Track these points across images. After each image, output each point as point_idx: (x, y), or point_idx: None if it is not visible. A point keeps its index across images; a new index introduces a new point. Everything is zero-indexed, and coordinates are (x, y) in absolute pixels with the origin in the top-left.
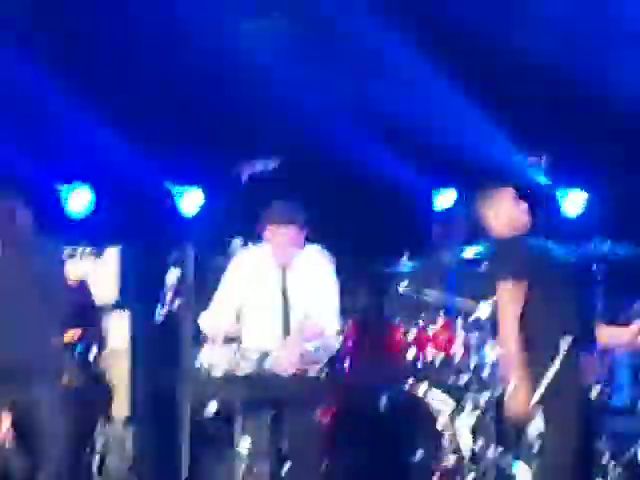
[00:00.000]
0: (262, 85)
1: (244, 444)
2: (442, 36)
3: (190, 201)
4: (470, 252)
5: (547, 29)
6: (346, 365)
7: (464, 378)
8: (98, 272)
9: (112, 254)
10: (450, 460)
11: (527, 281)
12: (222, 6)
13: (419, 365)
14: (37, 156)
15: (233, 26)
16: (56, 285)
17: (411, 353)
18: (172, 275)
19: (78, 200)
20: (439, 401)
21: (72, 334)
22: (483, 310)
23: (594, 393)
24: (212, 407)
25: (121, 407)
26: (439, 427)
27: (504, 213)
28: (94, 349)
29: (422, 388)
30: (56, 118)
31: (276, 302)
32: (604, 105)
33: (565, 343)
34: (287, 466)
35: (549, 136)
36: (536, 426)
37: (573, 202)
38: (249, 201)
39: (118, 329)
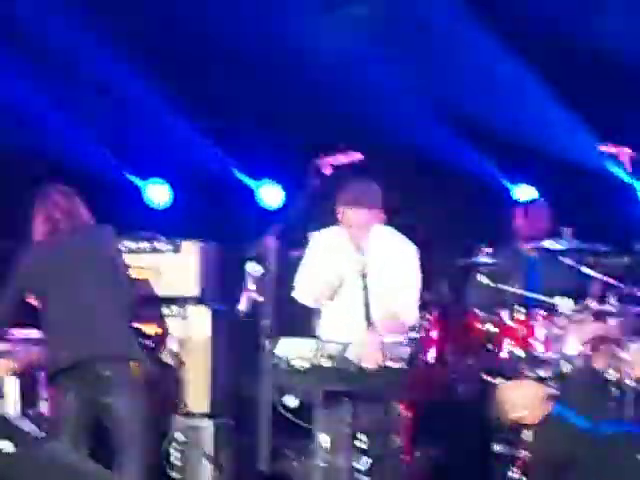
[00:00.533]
0: (342, 79)
1: (324, 438)
2: (523, 31)
3: (271, 196)
4: (551, 244)
5: (626, 26)
6: (427, 357)
7: (543, 373)
8: (177, 266)
9: (191, 248)
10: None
11: None
12: None
13: (498, 358)
14: (117, 151)
15: (312, 18)
16: (120, 276)
17: (490, 346)
18: (252, 269)
19: (157, 195)
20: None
21: (155, 329)
22: (563, 305)
23: None
24: (292, 400)
25: (201, 401)
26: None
27: None
28: (170, 345)
29: (500, 381)
30: (134, 112)
31: (356, 285)
32: None
33: None
34: (367, 461)
35: (631, 131)
36: None
37: None
38: (329, 195)
39: (199, 323)
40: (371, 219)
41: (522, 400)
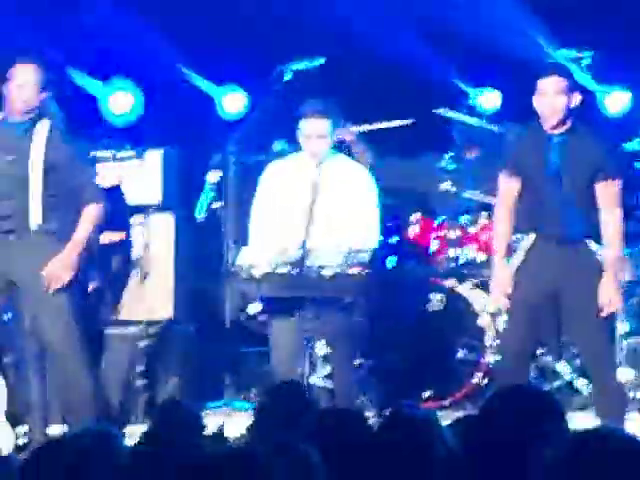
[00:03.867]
0: None
1: (284, 344)
2: None
3: (232, 103)
4: None
5: None
6: (387, 263)
7: None
8: (140, 174)
9: (155, 156)
10: (492, 358)
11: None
12: None
13: (460, 264)
14: (77, 56)
15: None
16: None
17: (452, 252)
18: (213, 177)
19: (119, 103)
20: (480, 300)
21: (114, 236)
22: None
23: None
24: (253, 307)
25: (165, 308)
26: (481, 325)
27: None
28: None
29: (463, 286)
30: (96, 18)
31: (305, 193)
32: None
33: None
34: (327, 367)
35: (592, 31)
36: None
37: (617, 100)
38: (291, 102)
39: (162, 231)
40: (326, 129)
41: None
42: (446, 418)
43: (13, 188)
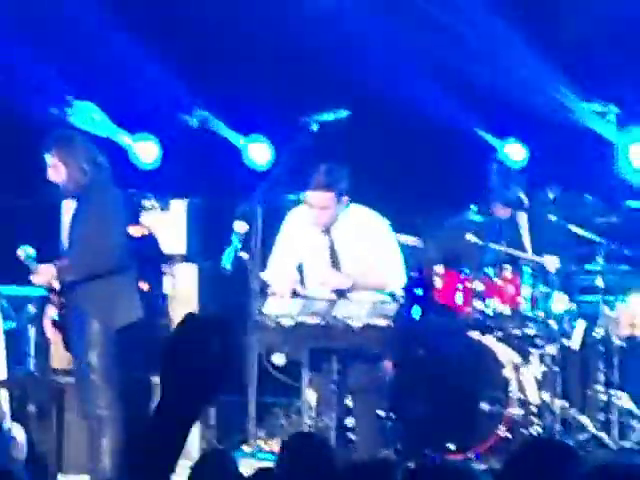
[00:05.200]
0: (329, 33)
1: (311, 396)
2: None
3: (258, 153)
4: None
5: None
6: (413, 315)
7: (529, 331)
8: (165, 224)
9: (180, 206)
10: (516, 411)
11: None
12: None
13: (485, 316)
14: (104, 107)
15: None
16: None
17: (477, 304)
18: (239, 227)
19: (145, 152)
20: (504, 353)
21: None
22: (551, 263)
23: None
24: (279, 358)
25: None
26: (505, 378)
27: None
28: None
29: (488, 339)
30: (121, 67)
31: (325, 262)
32: None
33: None
34: (353, 419)
35: (619, 86)
36: None
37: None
38: (317, 153)
39: (186, 281)
40: (330, 201)
41: None
42: None
43: None
